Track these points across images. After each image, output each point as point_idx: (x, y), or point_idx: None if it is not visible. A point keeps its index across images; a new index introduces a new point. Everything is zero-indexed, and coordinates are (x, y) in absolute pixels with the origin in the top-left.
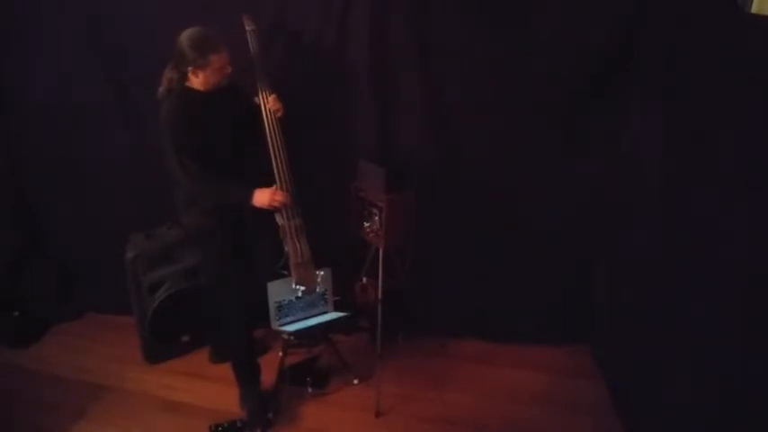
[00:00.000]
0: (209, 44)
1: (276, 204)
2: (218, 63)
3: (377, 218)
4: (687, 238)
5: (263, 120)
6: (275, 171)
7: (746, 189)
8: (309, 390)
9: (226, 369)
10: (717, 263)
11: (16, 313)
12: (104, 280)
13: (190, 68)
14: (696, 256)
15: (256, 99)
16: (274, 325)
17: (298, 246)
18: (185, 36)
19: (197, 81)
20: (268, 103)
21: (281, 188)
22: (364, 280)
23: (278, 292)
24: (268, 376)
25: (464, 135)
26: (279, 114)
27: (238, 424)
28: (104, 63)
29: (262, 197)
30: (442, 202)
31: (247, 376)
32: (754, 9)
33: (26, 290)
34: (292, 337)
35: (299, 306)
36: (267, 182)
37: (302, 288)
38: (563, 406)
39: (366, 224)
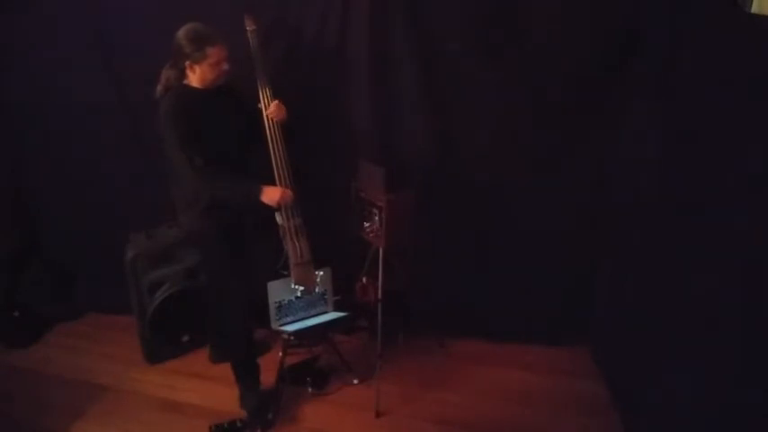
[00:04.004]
0: (206, 37)
1: (284, 202)
2: (215, 57)
3: (377, 218)
4: (687, 238)
5: (263, 120)
6: (275, 171)
7: (747, 188)
8: (309, 390)
9: (226, 369)
10: (717, 262)
11: (16, 313)
12: (104, 280)
13: (187, 63)
14: (696, 255)
15: (259, 105)
16: (274, 325)
17: (297, 246)
18: (182, 30)
19: (194, 78)
20: (269, 110)
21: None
22: (364, 280)
23: (278, 292)
24: (268, 376)
25: (464, 135)
26: (278, 119)
27: (238, 424)
28: (104, 63)
29: (272, 194)
30: (442, 202)
31: (247, 376)
32: (754, 9)
33: (26, 290)
34: (292, 337)
35: (298, 306)
36: (267, 182)
37: (301, 288)
38: (563, 406)
39: (366, 224)
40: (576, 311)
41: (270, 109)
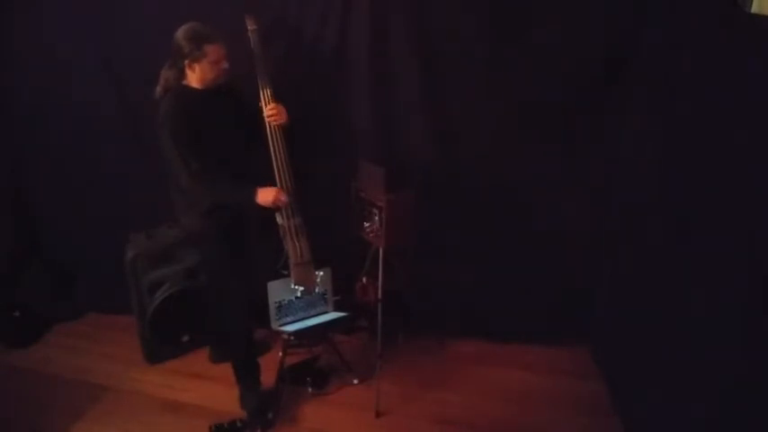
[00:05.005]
0: (205, 36)
1: (280, 204)
2: (214, 55)
3: (377, 218)
4: (687, 238)
5: (263, 120)
6: (275, 171)
7: (747, 188)
8: (309, 390)
9: (226, 369)
10: (717, 263)
11: (16, 313)
12: (104, 280)
13: (186, 62)
14: (696, 255)
15: (260, 104)
16: (274, 325)
17: (297, 246)
18: (181, 30)
19: (194, 77)
20: (267, 112)
21: (282, 188)
22: (364, 280)
23: (278, 292)
24: (268, 376)
25: (464, 135)
26: (278, 123)
27: (238, 424)
28: (104, 63)
29: (266, 196)
30: (441, 202)
31: (247, 376)
32: (754, 9)
33: (26, 290)
34: (292, 337)
35: (298, 306)
36: (268, 182)
37: (301, 288)
38: (563, 406)
39: (366, 224)
40: (576, 311)
41: (268, 111)
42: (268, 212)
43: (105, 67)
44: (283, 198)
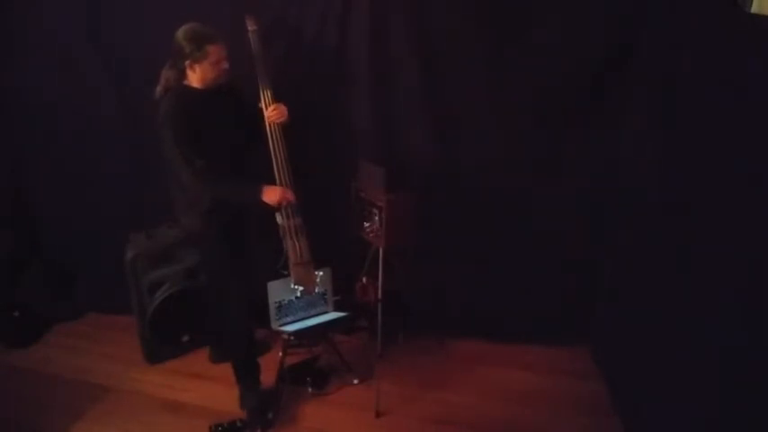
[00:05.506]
0: (206, 36)
1: (285, 202)
2: (215, 55)
3: (377, 218)
4: (687, 238)
5: (263, 120)
6: (275, 171)
7: (747, 188)
8: (309, 390)
9: (226, 369)
10: (717, 262)
11: (16, 313)
12: (105, 280)
13: (187, 62)
14: (696, 255)
15: (260, 104)
16: (274, 325)
17: (297, 246)
18: (181, 30)
19: (194, 77)
20: (268, 114)
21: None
22: (364, 280)
23: (278, 292)
24: (268, 376)
25: (464, 135)
26: (279, 121)
27: (238, 424)
28: (104, 63)
29: (272, 194)
30: (441, 202)
31: (247, 376)
32: (754, 9)
33: (26, 290)
34: (292, 337)
35: (298, 306)
36: (267, 182)
37: (301, 288)
38: (563, 406)
39: (366, 224)
40: (576, 311)
41: (268, 112)
42: (268, 212)
43: (105, 67)
44: (289, 196)
